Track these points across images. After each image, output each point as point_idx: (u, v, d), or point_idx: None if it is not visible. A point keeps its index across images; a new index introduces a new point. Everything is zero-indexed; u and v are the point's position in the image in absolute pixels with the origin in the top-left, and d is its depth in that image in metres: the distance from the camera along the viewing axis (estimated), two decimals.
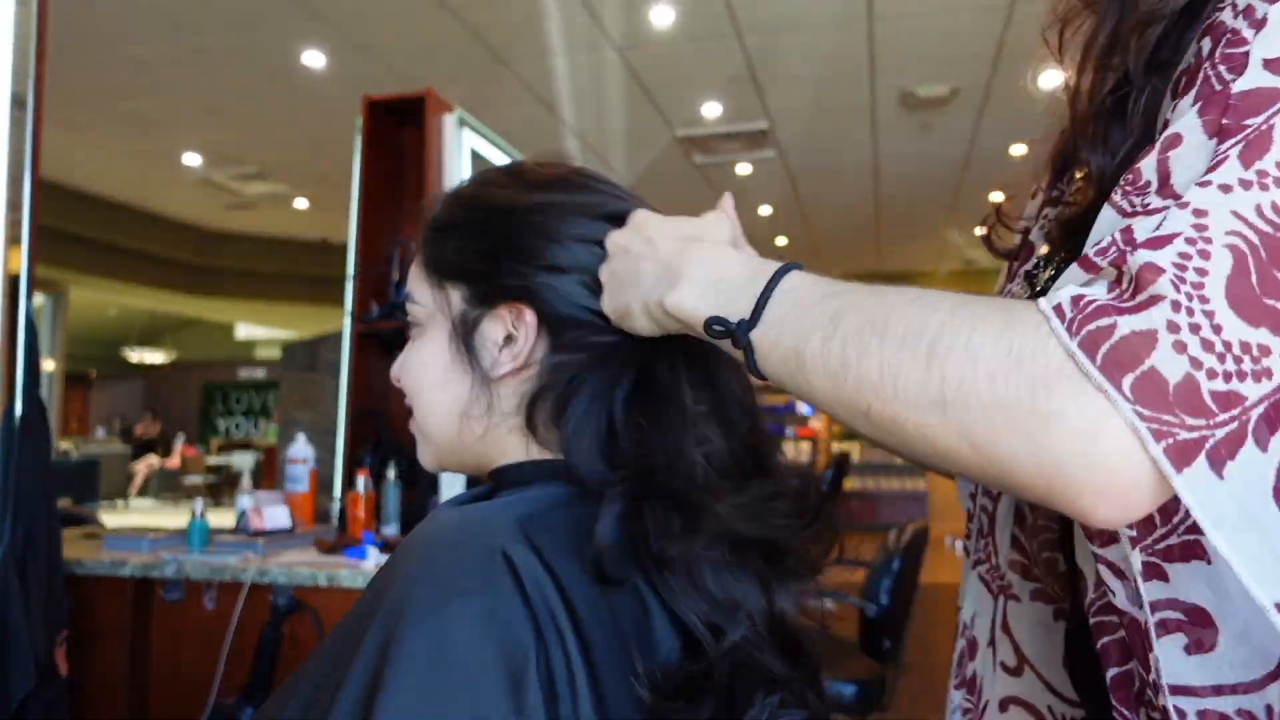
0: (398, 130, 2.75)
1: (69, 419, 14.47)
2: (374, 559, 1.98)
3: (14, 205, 1.76)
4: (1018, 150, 5.97)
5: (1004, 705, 0.63)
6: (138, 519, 9.98)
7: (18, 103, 1.77)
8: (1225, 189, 0.40)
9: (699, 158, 6.03)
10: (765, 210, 7.50)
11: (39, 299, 8.86)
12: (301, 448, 2.35)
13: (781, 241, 8.64)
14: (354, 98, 2.80)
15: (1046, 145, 0.68)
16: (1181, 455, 0.37)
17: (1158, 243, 0.40)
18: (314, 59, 4.65)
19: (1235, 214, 0.40)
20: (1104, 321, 0.39)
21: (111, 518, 9.40)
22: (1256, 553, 0.39)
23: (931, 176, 6.57)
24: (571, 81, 4.85)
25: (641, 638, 0.56)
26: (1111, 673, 0.50)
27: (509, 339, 0.62)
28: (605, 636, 0.54)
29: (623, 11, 4.09)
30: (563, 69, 4.69)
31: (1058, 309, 0.40)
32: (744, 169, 6.36)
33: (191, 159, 6.54)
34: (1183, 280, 0.38)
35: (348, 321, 2.60)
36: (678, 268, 0.54)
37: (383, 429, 2.54)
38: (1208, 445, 0.38)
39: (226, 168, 6.74)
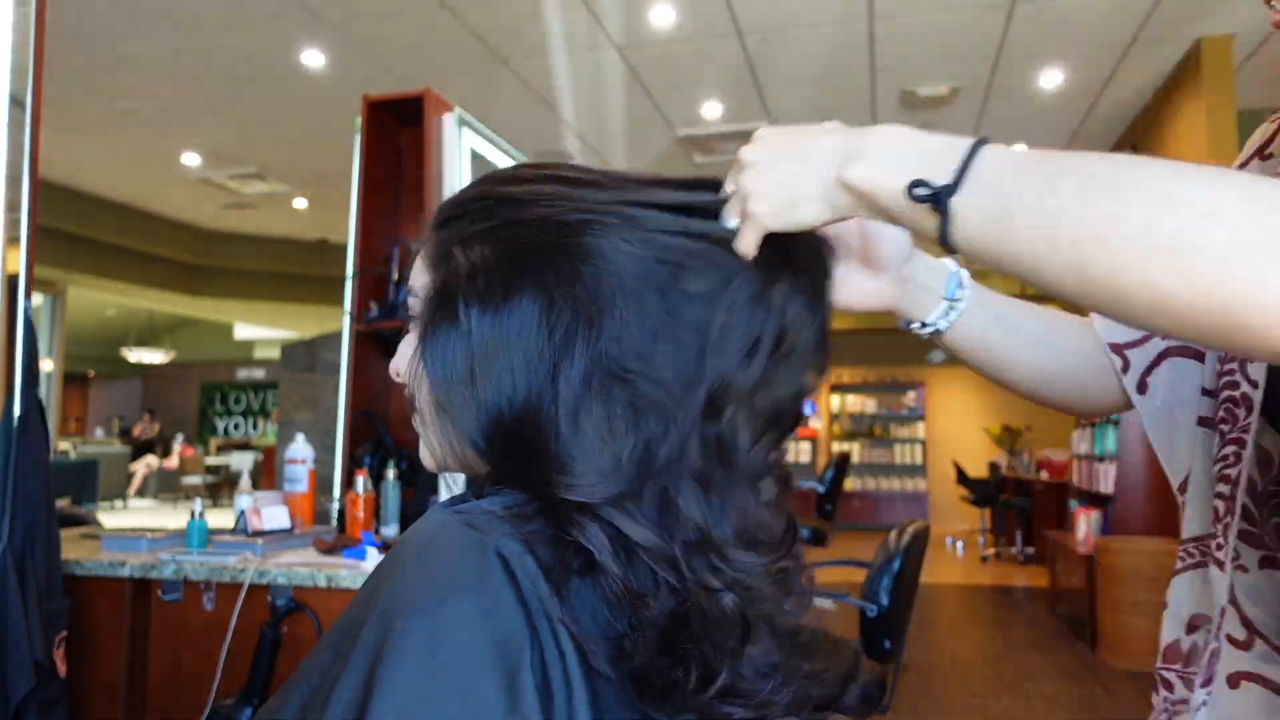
0: (397, 130, 2.75)
1: (68, 419, 14.48)
2: (373, 559, 1.98)
3: (12, 205, 1.76)
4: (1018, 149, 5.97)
5: (1234, 681, 0.64)
6: (136, 519, 10.00)
7: (16, 103, 1.77)
8: None
9: (699, 158, 6.03)
10: None
11: (37, 299, 8.87)
12: (301, 448, 2.34)
13: None
14: (354, 98, 2.79)
15: None
16: None
17: None
18: (314, 59, 4.65)
19: None
20: None
21: (110, 518, 9.42)
22: None
23: None
24: (571, 81, 4.85)
25: None
26: None
27: None
28: (603, 637, 0.54)
29: (623, 11, 4.09)
30: (563, 69, 4.69)
31: None
32: None
33: (190, 159, 6.53)
34: None
35: (347, 321, 2.60)
36: (855, 146, 0.53)
37: (382, 429, 2.54)
38: None
39: (225, 167, 6.74)
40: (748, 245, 0.57)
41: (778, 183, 0.56)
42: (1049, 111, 5.23)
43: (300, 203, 7.69)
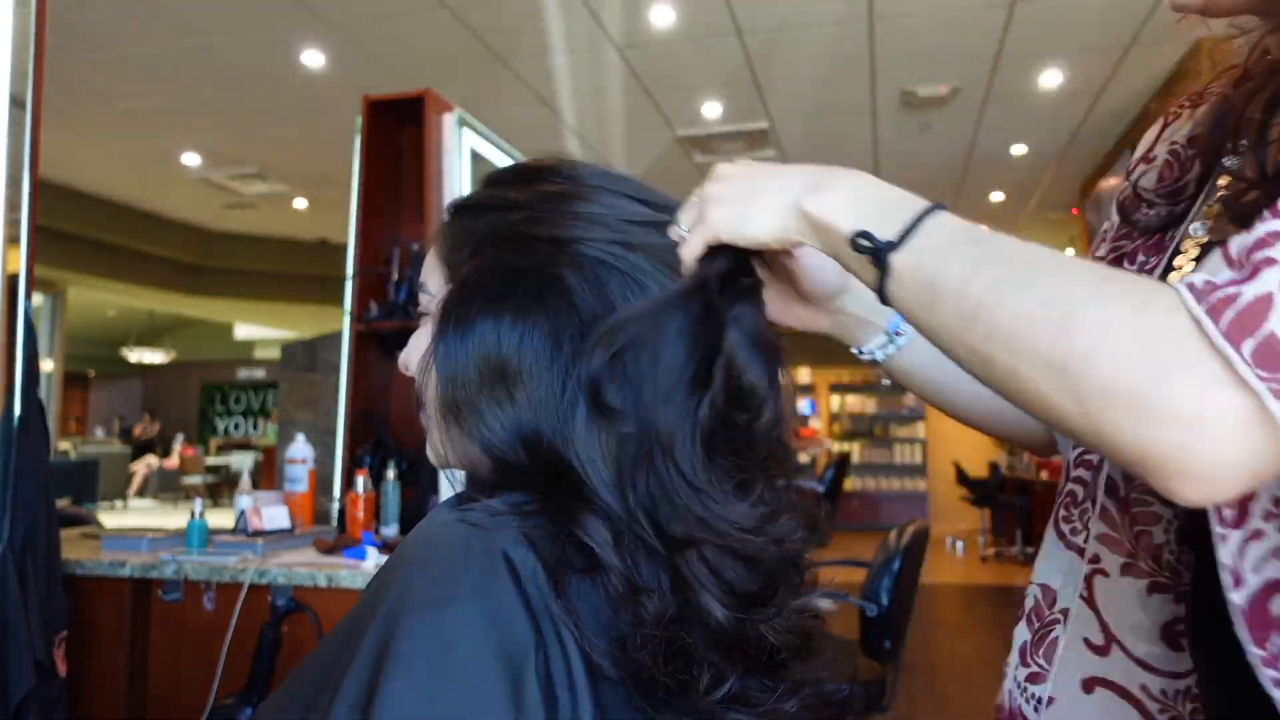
0: (398, 130, 2.75)
1: (68, 419, 14.46)
2: (373, 559, 1.98)
3: (13, 205, 1.76)
4: (1018, 150, 5.97)
5: (1088, 686, 0.63)
6: (137, 519, 9.99)
7: (17, 103, 1.77)
8: None
9: (699, 157, 6.03)
10: None
11: (38, 299, 8.86)
12: (301, 448, 2.34)
13: None
14: (354, 98, 2.80)
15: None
16: None
17: None
18: (314, 59, 4.65)
19: None
20: (1230, 291, 0.40)
21: (110, 518, 9.41)
22: None
23: (931, 176, 6.57)
24: (571, 81, 4.85)
25: None
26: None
27: None
28: (605, 637, 0.54)
29: (623, 11, 4.09)
30: (563, 69, 4.69)
31: (1191, 287, 0.41)
32: None
33: (191, 159, 6.53)
34: None
35: (347, 321, 2.60)
36: (821, 180, 0.55)
37: (382, 429, 2.54)
38: None
39: (226, 168, 6.73)
40: (691, 251, 0.57)
41: (742, 193, 0.57)
42: (1049, 111, 5.23)
43: (300, 203, 7.69)
